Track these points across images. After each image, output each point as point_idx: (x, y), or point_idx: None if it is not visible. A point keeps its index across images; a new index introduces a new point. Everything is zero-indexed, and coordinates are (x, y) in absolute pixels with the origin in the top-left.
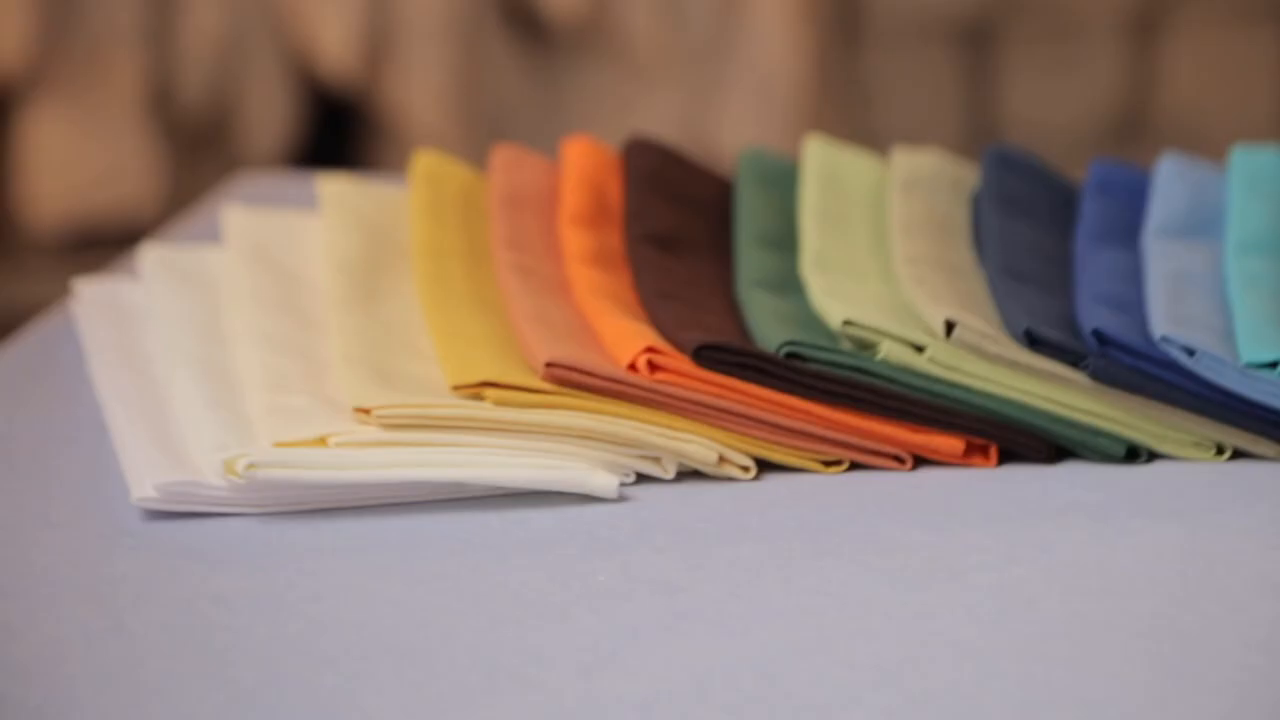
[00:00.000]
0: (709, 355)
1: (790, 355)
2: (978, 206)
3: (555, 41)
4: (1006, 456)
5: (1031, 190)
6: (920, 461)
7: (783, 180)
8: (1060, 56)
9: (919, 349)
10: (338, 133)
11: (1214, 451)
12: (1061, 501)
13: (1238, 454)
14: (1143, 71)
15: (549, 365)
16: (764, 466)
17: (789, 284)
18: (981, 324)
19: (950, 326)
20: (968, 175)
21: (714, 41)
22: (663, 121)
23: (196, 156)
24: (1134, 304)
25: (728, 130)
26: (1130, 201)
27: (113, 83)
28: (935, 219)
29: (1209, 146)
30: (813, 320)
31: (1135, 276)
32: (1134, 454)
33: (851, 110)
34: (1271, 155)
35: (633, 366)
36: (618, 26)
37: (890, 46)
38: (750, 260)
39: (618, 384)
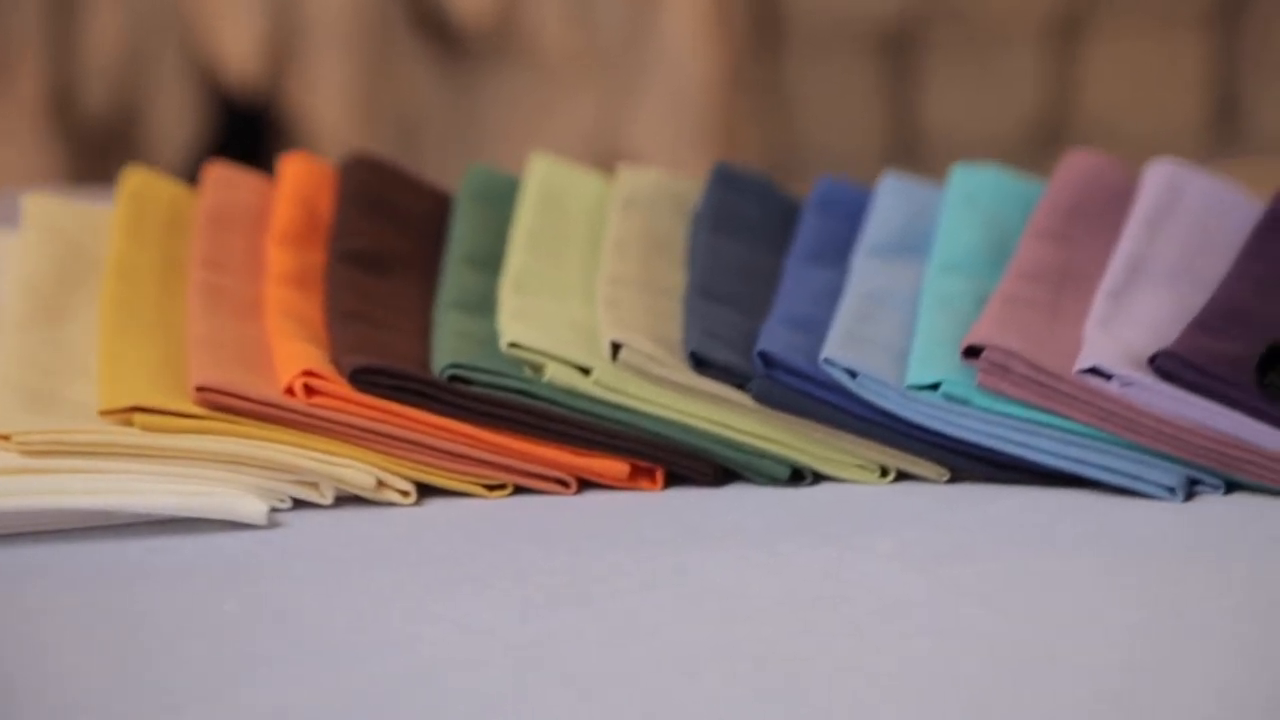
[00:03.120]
0: (366, 378)
1: (454, 378)
2: (693, 225)
3: (466, 46)
4: (674, 479)
5: (753, 209)
6: (589, 485)
7: (504, 198)
8: (982, 64)
9: (586, 371)
10: (245, 139)
11: (878, 473)
12: (722, 524)
13: (902, 476)
14: (1064, 78)
15: (199, 389)
16: (428, 491)
17: (490, 305)
18: (650, 346)
19: (616, 348)
20: (692, 193)
21: (627, 47)
22: (575, 127)
23: (101, 163)
24: (827, 325)
25: (641, 135)
26: (849, 220)
27: (14, 89)
28: (652, 238)
29: (1130, 153)
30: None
31: (837, 297)
32: (799, 476)
33: (768, 116)
34: (991, 173)
35: (289, 390)
36: (528, 31)
37: (809, 53)
38: (454, 280)
39: (272, 408)
